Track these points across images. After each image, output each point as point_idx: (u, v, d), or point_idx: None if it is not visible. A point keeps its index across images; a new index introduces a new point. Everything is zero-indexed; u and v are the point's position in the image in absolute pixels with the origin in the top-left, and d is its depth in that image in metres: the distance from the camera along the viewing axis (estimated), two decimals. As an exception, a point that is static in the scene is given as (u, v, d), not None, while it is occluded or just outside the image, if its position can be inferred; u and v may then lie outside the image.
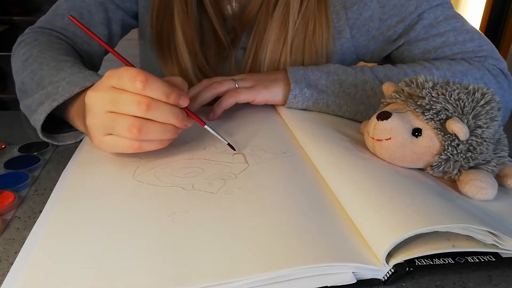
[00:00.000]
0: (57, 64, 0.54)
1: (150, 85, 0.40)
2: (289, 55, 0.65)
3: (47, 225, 0.35)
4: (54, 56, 0.56)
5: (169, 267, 0.30)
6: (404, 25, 0.63)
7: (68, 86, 0.50)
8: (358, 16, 0.64)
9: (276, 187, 0.41)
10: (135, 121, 0.40)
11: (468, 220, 0.32)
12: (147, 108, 0.40)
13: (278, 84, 0.60)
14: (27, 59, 0.57)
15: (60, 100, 0.49)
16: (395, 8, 0.62)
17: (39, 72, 0.54)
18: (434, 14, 0.62)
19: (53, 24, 0.66)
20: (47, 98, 0.50)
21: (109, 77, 0.41)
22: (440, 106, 0.40)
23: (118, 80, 0.40)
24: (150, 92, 0.40)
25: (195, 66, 0.68)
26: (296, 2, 0.62)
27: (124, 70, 0.40)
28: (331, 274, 0.30)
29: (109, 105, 0.40)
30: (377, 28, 0.64)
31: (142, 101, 0.39)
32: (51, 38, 0.63)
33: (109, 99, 0.40)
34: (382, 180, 0.39)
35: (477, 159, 0.41)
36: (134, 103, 0.39)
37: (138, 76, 0.39)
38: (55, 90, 0.50)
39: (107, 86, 0.41)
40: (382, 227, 0.32)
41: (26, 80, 0.55)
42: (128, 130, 0.40)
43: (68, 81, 0.50)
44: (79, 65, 0.55)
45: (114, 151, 0.44)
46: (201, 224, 0.35)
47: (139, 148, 0.42)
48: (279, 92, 0.59)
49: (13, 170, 0.45)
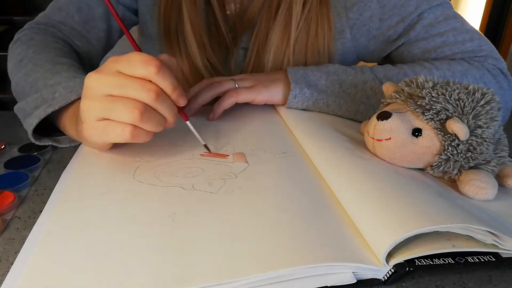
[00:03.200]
0: (52, 67, 0.53)
1: (163, 72, 0.39)
2: (292, 57, 0.65)
3: (47, 225, 0.35)
4: (49, 58, 0.55)
5: (169, 267, 0.30)
6: (404, 25, 0.63)
7: (65, 92, 0.49)
8: (359, 16, 0.64)
9: (276, 187, 0.41)
10: (139, 104, 0.39)
11: (468, 220, 0.32)
12: (155, 97, 0.39)
13: (278, 84, 0.60)
14: (21, 60, 0.57)
15: (56, 106, 0.48)
16: (395, 8, 0.62)
17: (33, 75, 0.53)
18: (434, 14, 0.62)
19: (51, 18, 0.66)
20: (42, 103, 0.49)
21: (115, 61, 0.40)
22: (440, 106, 0.40)
23: (127, 64, 0.39)
24: (162, 79, 0.40)
25: (204, 57, 0.67)
26: (298, 5, 0.62)
27: (136, 55, 0.39)
28: (331, 274, 0.30)
29: (114, 88, 0.39)
30: (377, 28, 0.65)
31: (152, 88, 0.39)
32: (47, 37, 0.62)
33: (115, 83, 0.39)
34: (382, 180, 0.39)
35: (477, 159, 0.41)
36: (144, 88, 0.39)
37: (153, 61, 0.39)
38: (50, 95, 0.49)
39: (113, 70, 0.40)
40: (382, 227, 0.32)
41: (20, 82, 0.54)
42: (131, 112, 0.39)
43: (64, 86, 0.49)
44: (75, 68, 0.55)
45: (102, 138, 0.41)
46: (201, 224, 0.35)
47: (130, 135, 0.40)
48: (279, 92, 0.59)
49: (13, 170, 0.45)
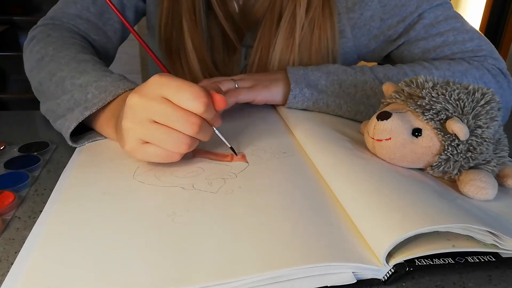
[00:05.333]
0: (77, 65, 0.52)
1: (210, 108, 0.40)
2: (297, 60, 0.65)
3: (47, 225, 0.35)
4: (72, 55, 0.55)
5: (169, 266, 0.30)
6: (404, 25, 0.63)
7: (98, 92, 0.48)
8: (360, 16, 0.64)
9: (276, 187, 0.41)
10: (186, 139, 0.40)
11: (468, 220, 0.32)
12: (198, 130, 0.40)
13: (278, 84, 0.60)
14: (42, 58, 0.56)
15: (93, 109, 0.47)
16: (396, 8, 0.62)
17: (58, 73, 0.52)
18: (435, 14, 0.62)
19: (66, 11, 0.65)
20: (76, 105, 0.49)
21: (161, 85, 0.39)
22: (440, 106, 0.40)
23: (176, 93, 0.39)
24: (207, 113, 0.40)
25: (205, 72, 0.68)
26: (302, 9, 0.62)
27: (186, 86, 0.39)
28: (331, 274, 0.30)
29: (158, 116, 0.39)
30: (378, 28, 0.65)
31: (196, 123, 0.40)
32: (64, 33, 0.61)
33: (160, 111, 0.39)
34: (382, 180, 0.39)
35: (477, 159, 0.41)
36: (189, 123, 0.39)
37: (202, 98, 0.39)
38: (83, 96, 0.49)
39: (158, 95, 0.39)
40: (382, 227, 0.32)
41: (44, 81, 0.54)
42: (178, 146, 0.40)
43: (96, 86, 0.49)
44: (100, 65, 0.54)
45: (143, 158, 0.42)
46: (201, 224, 0.35)
47: (173, 158, 0.42)
48: (279, 92, 0.59)
49: (13, 170, 0.45)
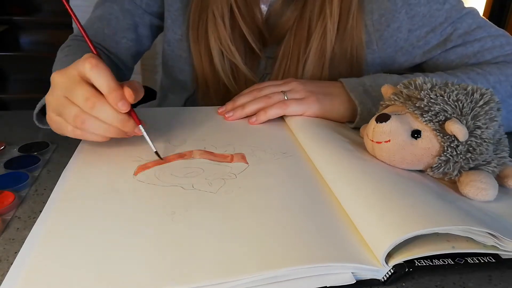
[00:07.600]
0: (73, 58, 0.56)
1: (98, 70, 0.41)
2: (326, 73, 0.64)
3: (47, 225, 0.35)
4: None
5: (169, 266, 0.30)
6: (435, 35, 0.63)
7: None
8: (386, 28, 0.64)
9: (276, 187, 0.41)
10: (81, 113, 0.42)
11: (468, 222, 0.32)
12: (92, 106, 0.41)
13: (333, 100, 0.57)
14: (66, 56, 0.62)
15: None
16: (424, 18, 0.63)
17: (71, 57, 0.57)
18: (467, 23, 0.62)
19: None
20: None
21: (76, 63, 0.42)
22: (438, 107, 0.40)
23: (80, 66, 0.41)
24: (96, 76, 0.41)
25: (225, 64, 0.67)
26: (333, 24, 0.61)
27: (84, 56, 0.42)
28: (331, 274, 0.30)
29: (66, 91, 0.42)
30: (405, 39, 0.64)
31: (90, 98, 0.41)
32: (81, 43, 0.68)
33: (67, 86, 0.42)
34: (382, 181, 0.39)
35: (477, 159, 0.41)
36: (83, 97, 0.41)
37: (90, 58, 0.41)
38: None
39: (72, 73, 0.42)
40: (381, 227, 0.32)
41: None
42: (73, 120, 0.42)
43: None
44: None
45: (59, 131, 0.46)
46: (200, 224, 0.35)
47: (81, 136, 0.44)
48: (333, 109, 0.56)
49: (13, 170, 0.45)
